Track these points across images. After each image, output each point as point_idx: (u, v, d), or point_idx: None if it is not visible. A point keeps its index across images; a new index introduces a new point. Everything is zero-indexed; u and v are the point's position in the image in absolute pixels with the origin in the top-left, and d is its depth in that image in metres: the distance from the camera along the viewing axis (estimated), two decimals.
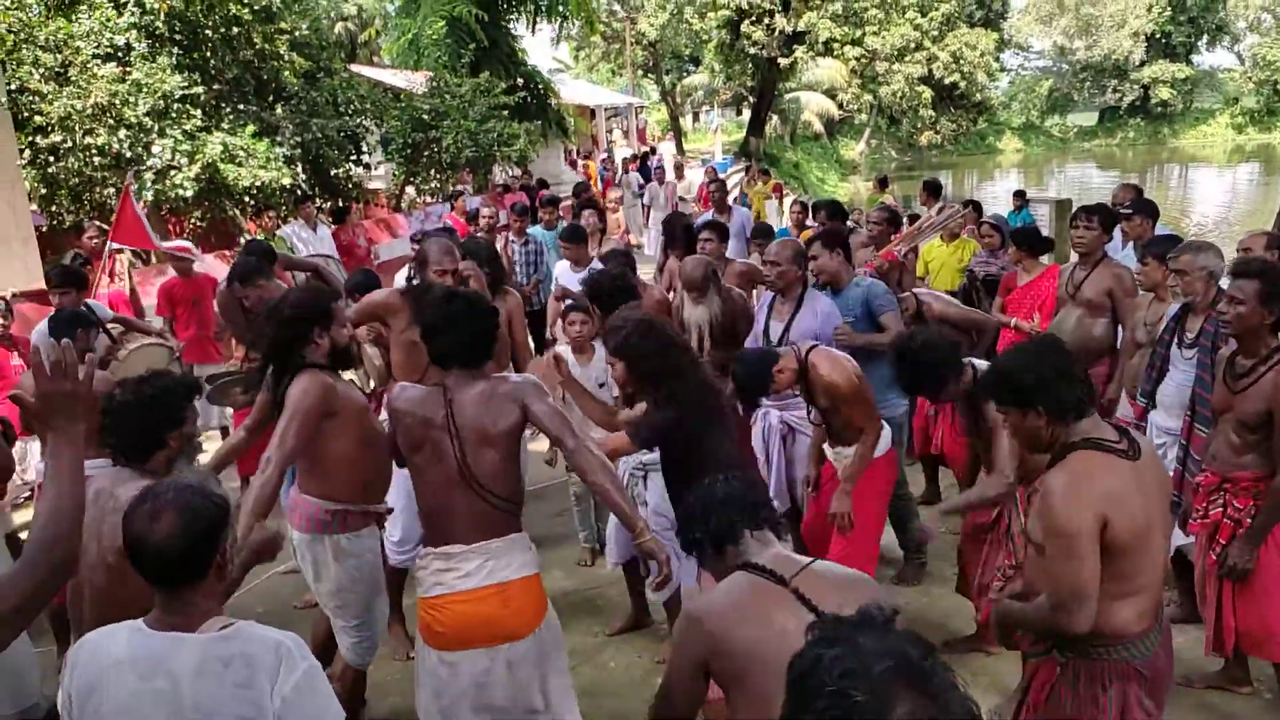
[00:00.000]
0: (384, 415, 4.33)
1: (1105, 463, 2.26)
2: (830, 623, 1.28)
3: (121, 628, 1.88)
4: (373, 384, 4.88)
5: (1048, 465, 2.38)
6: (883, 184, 14.55)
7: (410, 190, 14.96)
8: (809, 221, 9.10)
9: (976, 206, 8.78)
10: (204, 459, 6.71)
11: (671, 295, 5.51)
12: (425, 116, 13.54)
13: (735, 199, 12.66)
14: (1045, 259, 5.64)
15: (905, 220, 7.32)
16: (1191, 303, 3.99)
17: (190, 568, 1.83)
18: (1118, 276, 4.96)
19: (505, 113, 14.78)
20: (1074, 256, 5.39)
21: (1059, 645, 2.41)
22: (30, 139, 9.09)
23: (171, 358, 5.80)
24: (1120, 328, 4.94)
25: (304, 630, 3.72)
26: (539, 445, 5.08)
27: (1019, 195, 11.42)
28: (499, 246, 7.69)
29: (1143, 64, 48.52)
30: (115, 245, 7.22)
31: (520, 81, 19.13)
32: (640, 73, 40.01)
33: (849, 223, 6.98)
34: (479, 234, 7.64)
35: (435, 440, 2.88)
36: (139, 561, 1.83)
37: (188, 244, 7.38)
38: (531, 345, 7.77)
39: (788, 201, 14.66)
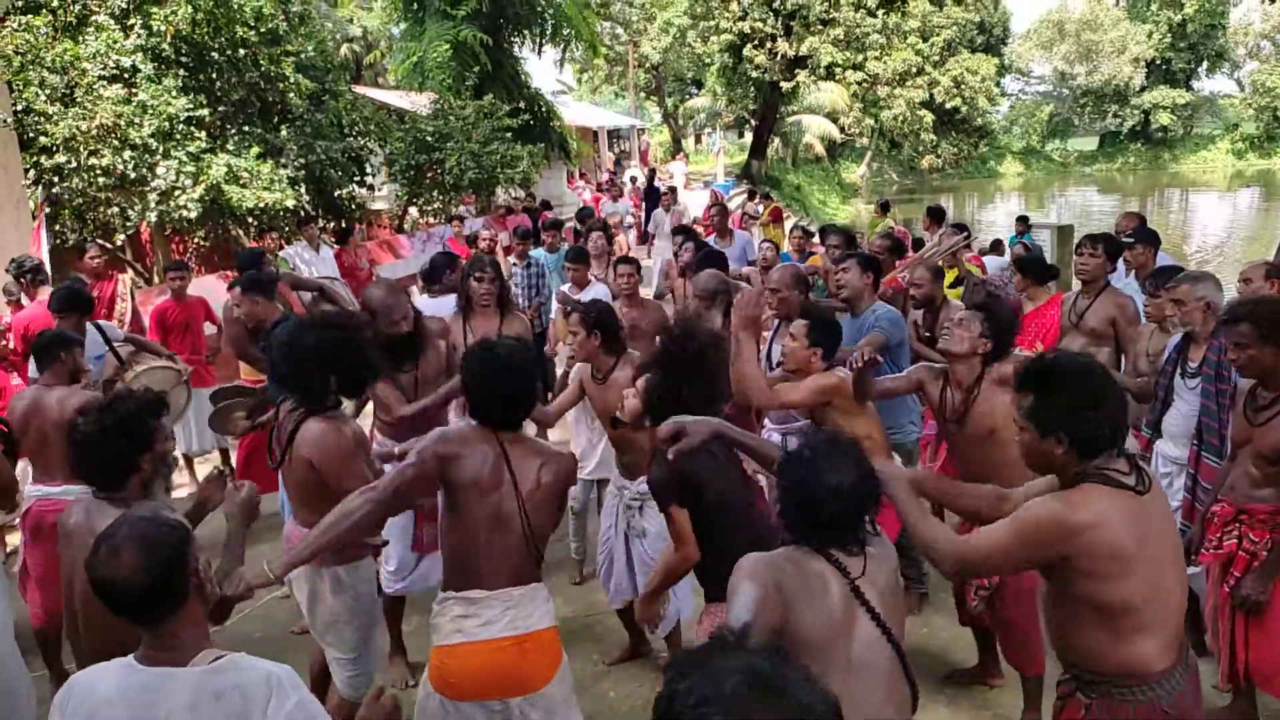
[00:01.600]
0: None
1: (1109, 497, 2.21)
2: (683, 654, 1.30)
3: (111, 665, 1.86)
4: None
5: (1060, 486, 2.32)
6: (884, 208, 14.55)
7: (413, 211, 15.00)
8: (810, 247, 9.12)
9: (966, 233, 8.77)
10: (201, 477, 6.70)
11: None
12: (429, 138, 13.60)
13: (737, 222, 12.65)
14: (1051, 286, 5.63)
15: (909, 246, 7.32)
16: (1192, 332, 4.00)
17: (162, 599, 1.81)
18: (1121, 306, 4.96)
19: (508, 135, 14.84)
20: (1076, 284, 5.39)
21: (1083, 687, 2.37)
22: (35, 159, 9.11)
23: (180, 380, 5.75)
24: (1123, 357, 4.93)
25: (300, 655, 3.72)
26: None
27: (1021, 220, 11.47)
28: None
29: (1143, 89, 48.85)
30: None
31: (524, 104, 19.24)
32: (643, 95, 40.25)
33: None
34: (484, 254, 7.64)
35: (484, 480, 2.80)
36: (111, 602, 1.81)
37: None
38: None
39: (788, 225, 14.70)
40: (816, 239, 9.53)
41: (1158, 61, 48.77)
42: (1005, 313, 3.70)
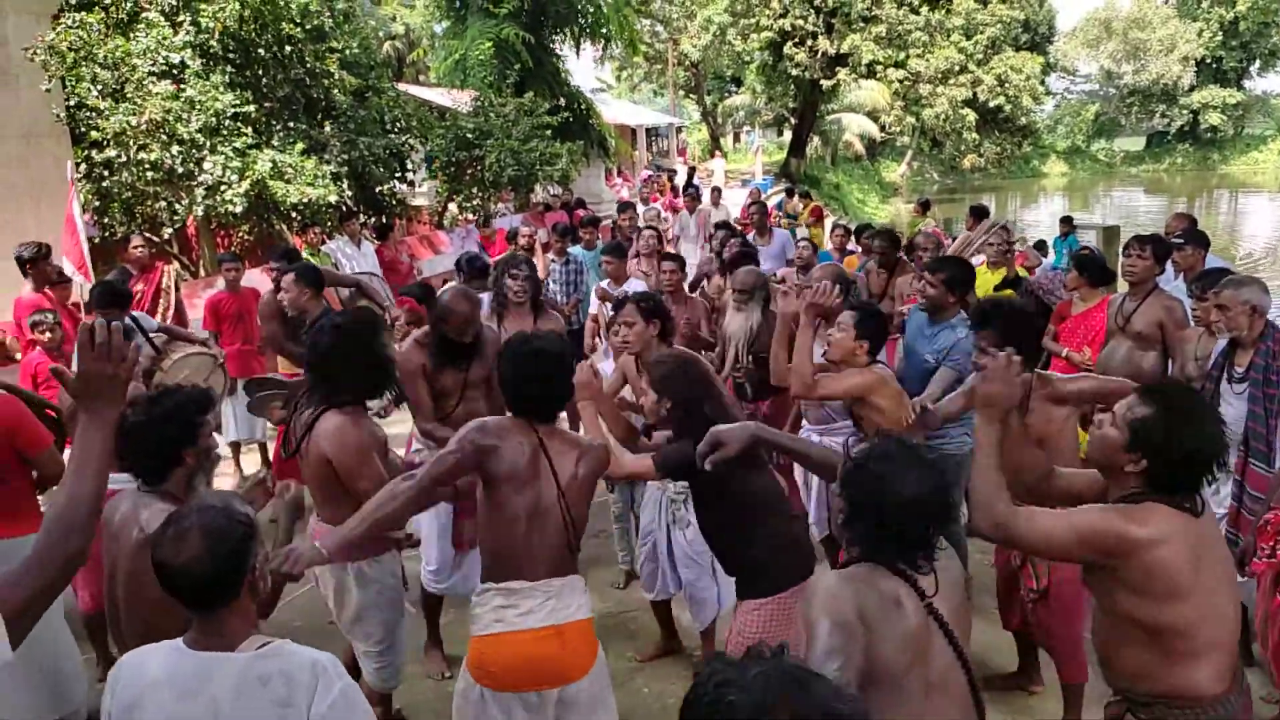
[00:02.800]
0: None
1: (1167, 519, 2.17)
2: (713, 659, 1.32)
3: (160, 647, 1.89)
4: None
5: (1112, 500, 2.28)
6: (925, 207, 14.43)
7: (452, 208, 15.11)
8: (851, 245, 9.06)
9: (1039, 244, 8.70)
10: (247, 468, 6.79)
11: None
12: (469, 135, 13.69)
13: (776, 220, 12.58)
14: (1101, 289, 5.53)
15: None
16: (1238, 337, 3.91)
17: (220, 589, 1.84)
18: (1169, 308, 4.87)
19: (548, 132, 14.89)
20: (1123, 286, 5.30)
21: (1133, 709, 2.32)
22: (86, 153, 9.31)
23: (215, 365, 5.86)
24: (1170, 360, 4.84)
25: (337, 644, 3.76)
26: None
27: (1066, 221, 11.29)
28: (537, 266, 7.74)
29: (1192, 89, 47.85)
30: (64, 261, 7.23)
31: (563, 102, 19.30)
32: (682, 93, 40.18)
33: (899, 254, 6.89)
34: (521, 252, 7.69)
35: (522, 472, 2.82)
36: (169, 586, 1.83)
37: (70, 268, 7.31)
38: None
39: (828, 224, 14.59)
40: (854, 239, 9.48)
41: (1208, 60, 47.74)
42: (1019, 319, 3.59)
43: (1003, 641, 4.09)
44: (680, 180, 21.02)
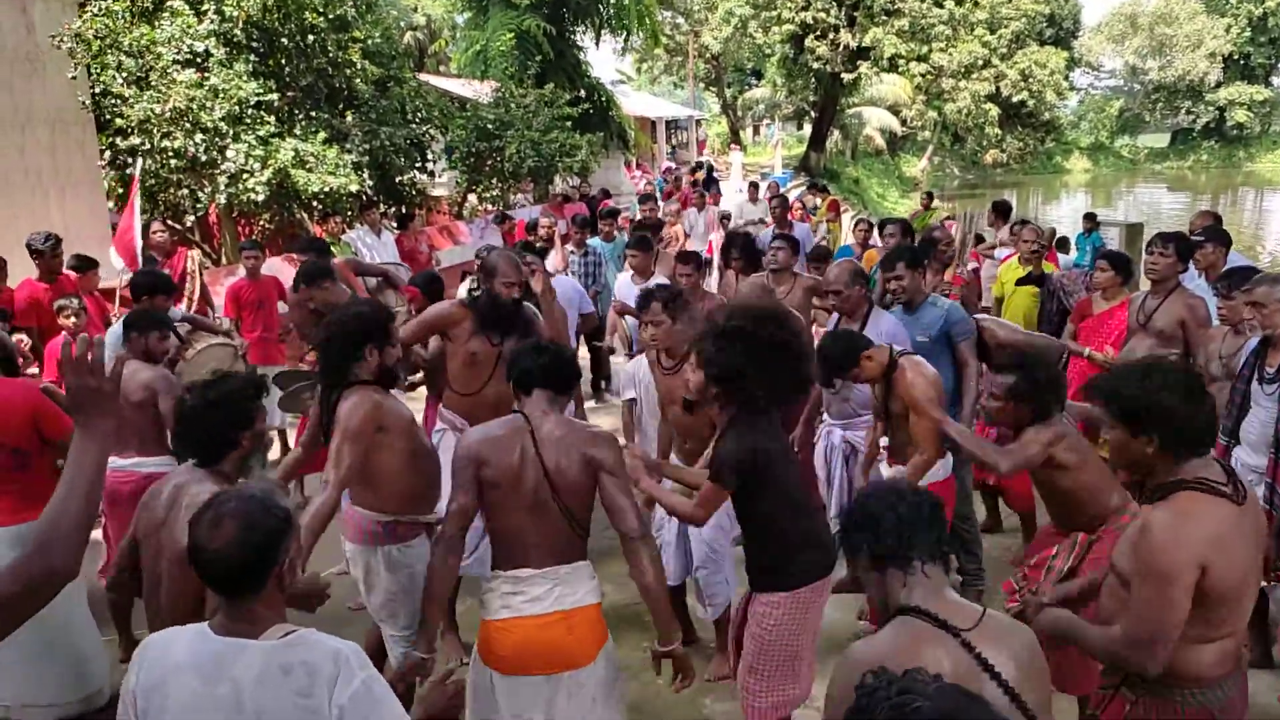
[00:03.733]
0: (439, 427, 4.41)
1: (1212, 506, 2.16)
2: (879, 673, 1.32)
3: (186, 630, 1.91)
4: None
5: (1150, 499, 2.26)
6: (929, 199, 14.59)
7: (472, 198, 15.14)
8: (873, 240, 9.02)
9: (1060, 241, 8.64)
10: (268, 455, 6.85)
11: None
12: (490, 126, 13.70)
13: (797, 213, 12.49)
14: (1125, 288, 5.50)
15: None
16: (1271, 336, 3.87)
17: (248, 578, 1.85)
18: (1191, 307, 4.83)
19: (568, 124, 14.89)
20: (1145, 284, 5.25)
21: (1129, 683, 2.33)
22: (111, 140, 9.39)
23: (237, 356, 5.93)
24: (1192, 359, 4.80)
25: (357, 630, 3.79)
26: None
27: (1089, 218, 11.19)
28: (556, 257, 7.75)
29: (1219, 85, 47.33)
30: (113, 250, 7.23)
31: (584, 93, 19.29)
32: (702, 85, 40.07)
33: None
34: (539, 244, 7.70)
35: (515, 472, 2.87)
36: (199, 568, 1.86)
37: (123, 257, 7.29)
38: (585, 355, 7.83)
39: (847, 218, 14.53)
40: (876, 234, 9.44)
41: (1235, 56, 47.16)
42: (1044, 373, 3.47)
43: None
44: (698, 173, 20.89)
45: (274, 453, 7.26)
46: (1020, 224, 7.95)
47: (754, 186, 14.21)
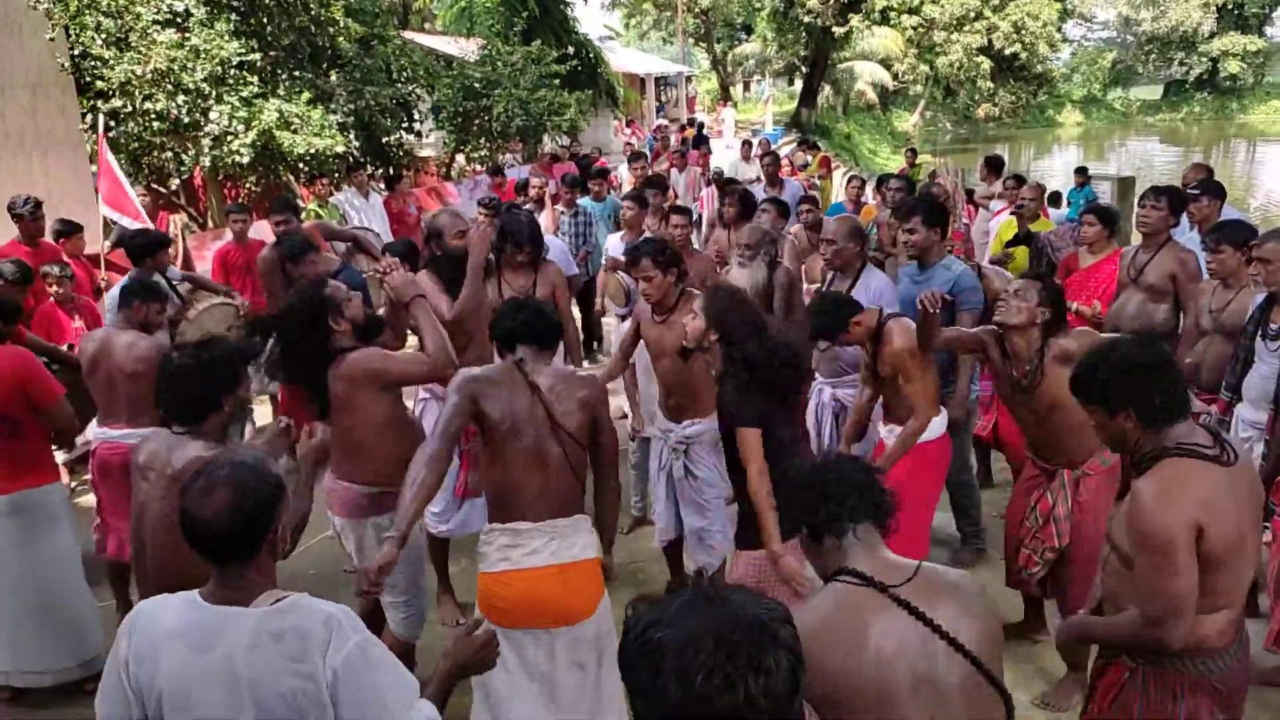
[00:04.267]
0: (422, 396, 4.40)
1: (1200, 470, 2.16)
2: (640, 600, 1.29)
3: (176, 599, 1.90)
4: None
5: (1136, 471, 2.27)
6: (914, 156, 14.76)
7: (460, 159, 14.99)
8: (865, 197, 8.98)
9: (1052, 196, 8.58)
10: (257, 419, 6.84)
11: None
12: (477, 85, 13.52)
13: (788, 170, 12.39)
14: (1112, 240, 5.49)
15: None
16: (1276, 293, 3.85)
17: (241, 545, 1.84)
18: (1182, 261, 4.82)
19: (556, 81, 14.70)
20: (1136, 238, 5.24)
21: (1128, 651, 2.34)
22: (92, 104, 9.24)
23: (238, 316, 5.90)
24: (1183, 314, 4.80)
25: (352, 595, 3.81)
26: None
27: (1080, 172, 11.12)
28: (546, 218, 7.69)
29: (1212, 36, 46.86)
30: (108, 211, 7.19)
31: (571, 50, 19.03)
32: (691, 41, 39.55)
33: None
34: (527, 205, 7.63)
35: (515, 417, 2.89)
36: (191, 536, 1.85)
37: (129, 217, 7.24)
38: (578, 316, 7.81)
39: (838, 175, 14.44)
40: (869, 191, 9.39)
41: (1229, 6, 46.67)
42: (1056, 285, 3.62)
43: (1009, 591, 4.12)
44: (689, 130, 20.64)
45: (265, 417, 7.25)
46: (1015, 180, 7.91)
47: (746, 145, 14.07)
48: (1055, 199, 10.95)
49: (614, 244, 6.77)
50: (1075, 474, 3.48)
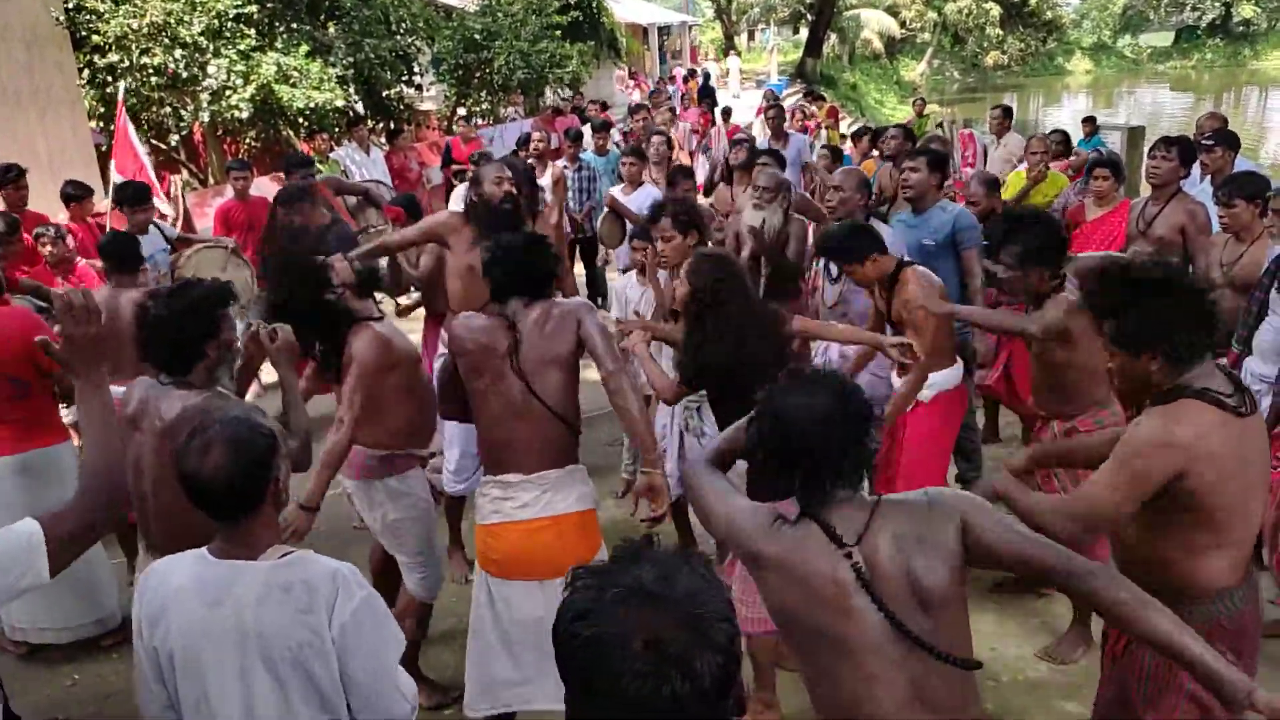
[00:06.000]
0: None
1: (1209, 416, 2.12)
2: (584, 569, 1.22)
3: (186, 556, 1.93)
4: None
5: (1152, 402, 2.22)
6: (922, 105, 14.51)
7: (461, 112, 14.84)
8: (873, 151, 8.88)
9: (1065, 138, 8.43)
10: (263, 377, 6.87)
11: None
12: (477, 36, 13.34)
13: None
14: (1120, 192, 5.43)
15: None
16: None
17: (244, 499, 1.86)
18: (1191, 213, 4.78)
19: (558, 33, 14.49)
20: (1146, 189, 5.18)
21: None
22: (89, 58, 9.14)
23: (229, 254, 5.94)
24: (1192, 266, 4.76)
25: (361, 549, 3.85)
26: (595, 373, 5.11)
27: (1089, 121, 10.95)
28: (547, 175, 7.61)
29: None
30: (117, 178, 7.14)
31: (572, 0, 18.72)
32: None
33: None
34: (529, 159, 7.55)
35: (497, 368, 2.89)
36: (194, 496, 1.87)
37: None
38: (580, 270, 7.77)
39: (846, 126, 14.27)
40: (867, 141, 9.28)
41: None
42: (1045, 228, 3.49)
43: None
44: (693, 81, 20.35)
45: (271, 374, 7.26)
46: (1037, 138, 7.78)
47: (726, 111, 13.30)
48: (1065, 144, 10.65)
49: (616, 194, 6.73)
50: (1065, 427, 3.48)
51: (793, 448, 1.82)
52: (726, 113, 12.69)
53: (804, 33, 35.21)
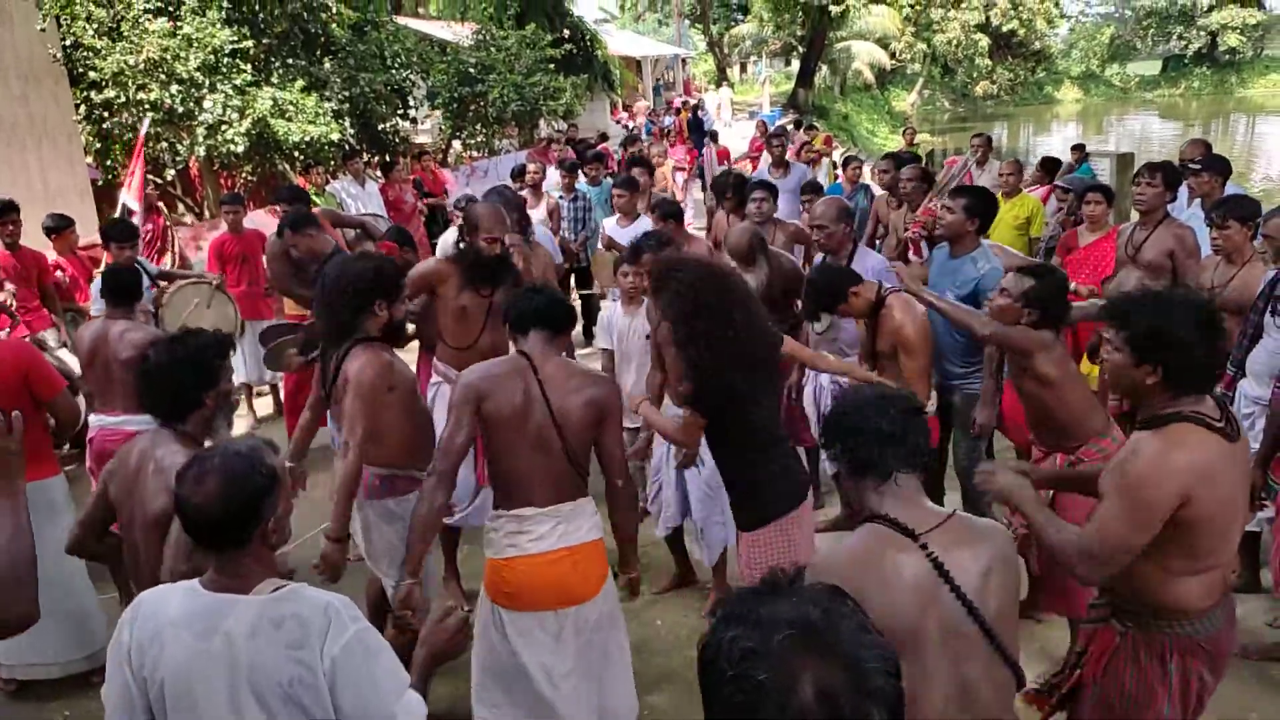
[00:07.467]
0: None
1: (1204, 439, 2.14)
2: (734, 598, 1.18)
3: (177, 587, 1.91)
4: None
5: (1144, 428, 2.22)
6: (912, 135, 14.73)
7: (456, 145, 14.94)
8: (864, 178, 8.96)
9: (1052, 164, 8.56)
10: (259, 410, 6.84)
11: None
12: (471, 70, 13.46)
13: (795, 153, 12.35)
14: (1110, 218, 5.47)
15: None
16: None
17: (231, 533, 1.85)
18: (1179, 237, 4.81)
19: (551, 65, 14.62)
20: (1134, 215, 5.22)
21: (1117, 614, 2.35)
22: (85, 94, 9.20)
23: (213, 290, 5.97)
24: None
25: (357, 580, 3.82)
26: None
27: (1078, 149, 11.05)
28: (541, 207, 7.64)
29: (1211, 9, 46.56)
30: (129, 198, 7.23)
31: (566, 33, 18.94)
32: (687, 22, 39.33)
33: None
34: (523, 190, 7.60)
35: (517, 408, 2.89)
36: (184, 523, 1.86)
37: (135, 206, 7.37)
38: (577, 302, 7.79)
39: (838, 155, 14.39)
40: (867, 171, 9.37)
41: None
42: (1059, 286, 3.48)
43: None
44: (684, 114, 20.50)
45: (267, 407, 7.25)
46: (1011, 161, 7.89)
47: (714, 136, 13.28)
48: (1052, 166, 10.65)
49: (610, 227, 6.76)
50: (1069, 460, 3.47)
51: (860, 422, 1.97)
52: (714, 135, 12.80)
53: (796, 64, 35.60)
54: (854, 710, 1.04)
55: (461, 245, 4.24)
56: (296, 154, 9.95)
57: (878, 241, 6.82)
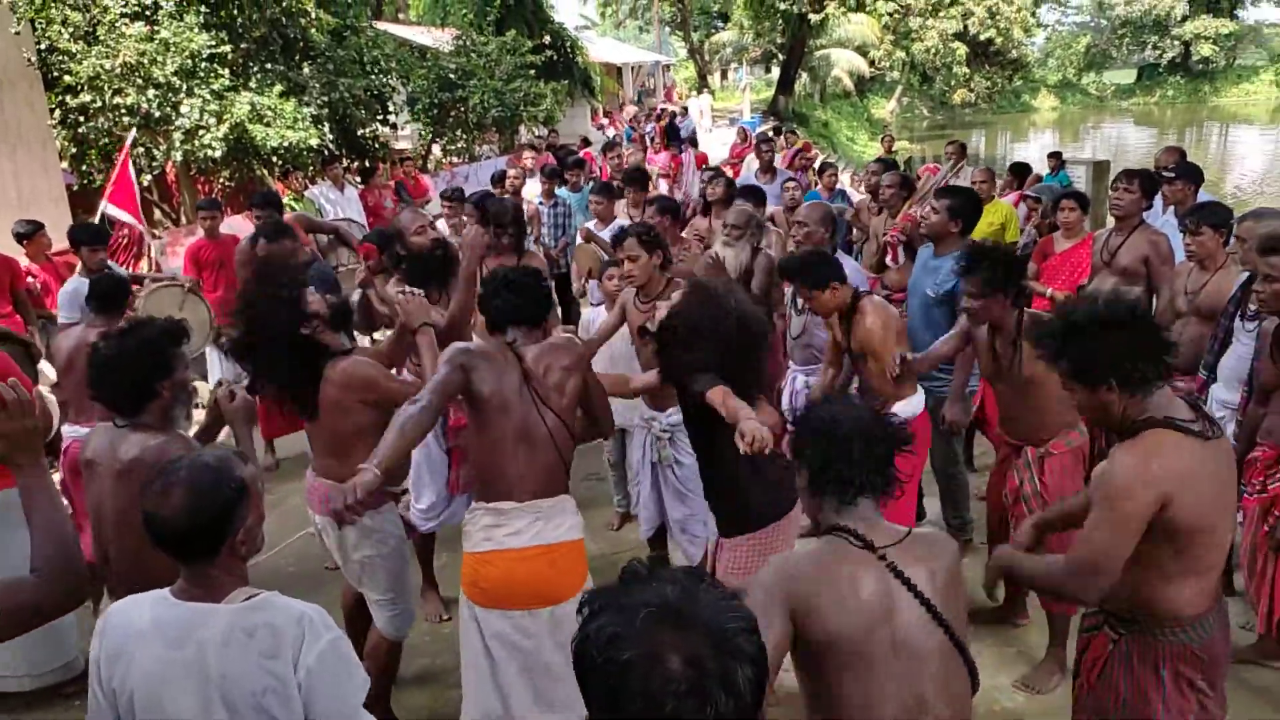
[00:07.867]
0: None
1: (1179, 443, 2.15)
2: (597, 592, 1.23)
3: (147, 598, 1.89)
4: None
5: (1120, 438, 2.24)
6: (891, 143, 14.80)
7: (436, 150, 14.89)
8: (840, 186, 9.01)
9: (1022, 170, 8.68)
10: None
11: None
12: (452, 75, 13.43)
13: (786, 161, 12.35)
14: (1085, 225, 5.52)
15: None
16: (1255, 273, 3.88)
17: (200, 546, 1.83)
18: (1154, 243, 4.86)
19: (532, 72, 14.61)
20: (1110, 221, 5.27)
21: (1110, 622, 2.36)
22: (60, 99, 9.11)
23: (185, 292, 5.94)
24: (1155, 296, 4.84)
25: (333, 589, 3.79)
26: None
27: (1055, 156, 11.15)
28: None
29: (1185, 19, 47.19)
30: (111, 208, 7.18)
31: (547, 40, 18.94)
32: (668, 29, 39.43)
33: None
34: (505, 195, 7.58)
35: (504, 394, 2.88)
36: (152, 536, 1.83)
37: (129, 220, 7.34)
38: (558, 306, 7.78)
39: (816, 162, 14.45)
40: (847, 178, 9.41)
41: None
42: (999, 254, 3.55)
43: None
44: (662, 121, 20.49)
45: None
46: (982, 169, 7.98)
47: (694, 141, 13.41)
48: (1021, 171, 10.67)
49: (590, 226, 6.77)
50: (1039, 452, 3.51)
51: (836, 443, 1.97)
52: (693, 141, 12.82)
53: (776, 71, 35.74)
54: (720, 669, 1.10)
55: (398, 252, 4.27)
56: (275, 159, 9.89)
57: (853, 245, 6.88)
